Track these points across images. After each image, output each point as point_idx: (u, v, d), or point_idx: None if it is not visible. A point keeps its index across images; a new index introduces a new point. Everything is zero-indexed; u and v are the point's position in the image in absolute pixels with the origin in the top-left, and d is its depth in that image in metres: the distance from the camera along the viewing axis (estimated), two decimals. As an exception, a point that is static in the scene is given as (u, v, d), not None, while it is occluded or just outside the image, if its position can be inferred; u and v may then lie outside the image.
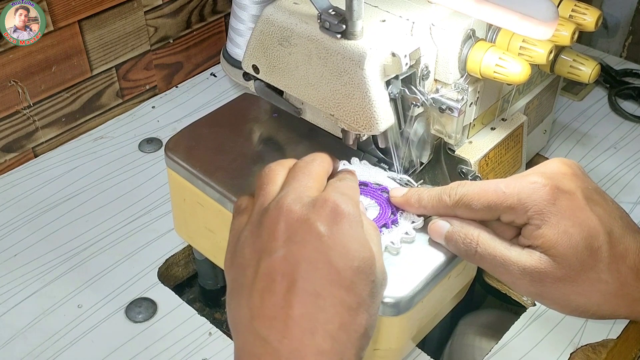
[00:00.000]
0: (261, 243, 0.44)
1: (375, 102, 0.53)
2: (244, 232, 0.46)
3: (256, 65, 0.60)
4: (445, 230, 0.51)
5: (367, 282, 0.43)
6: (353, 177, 0.51)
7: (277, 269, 0.42)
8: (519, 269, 0.47)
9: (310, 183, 0.47)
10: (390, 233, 0.52)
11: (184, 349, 0.63)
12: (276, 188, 0.47)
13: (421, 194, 0.52)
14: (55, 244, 0.72)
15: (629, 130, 0.87)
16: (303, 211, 0.44)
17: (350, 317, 0.42)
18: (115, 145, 0.85)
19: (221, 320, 0.78)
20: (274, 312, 0.42)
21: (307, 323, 0.41)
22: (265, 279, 0.43)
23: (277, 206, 0.45)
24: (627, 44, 1.16)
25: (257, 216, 0.46)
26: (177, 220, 0.68)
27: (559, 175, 0.48)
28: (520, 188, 0.48)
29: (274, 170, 0.49)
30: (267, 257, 0.43)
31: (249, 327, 0.42)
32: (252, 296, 0.43)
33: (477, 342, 0.74)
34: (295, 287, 0.42)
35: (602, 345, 0.63)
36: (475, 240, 0.49)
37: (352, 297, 0.42)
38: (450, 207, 0.50)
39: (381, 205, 0.54)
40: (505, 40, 0.58)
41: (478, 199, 0.49)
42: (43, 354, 0.62)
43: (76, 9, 0.79)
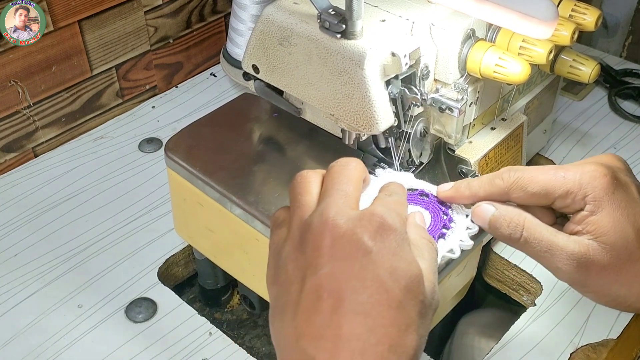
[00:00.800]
0: (305, 259, 0.42)
1: (375, 102, 0.53)
2: (285, 247, 0.44)
3: (256, 65, 0.60)
4: (490, 214, 0.49)
5: (415, 302, 0.42)
6: (402, 190, 0.49)
7: (324, 286, 0.41)
8: (566, 254, 0.47)
9: (351, 190, 0.45)
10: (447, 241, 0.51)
11: (184, 349, 0.63)
12: (312, 198, 0.45)
13: (470, 181, 0.51)
14: (55, 244, 0.72)
15: (629, 130, 0.87)
16: (349, 225, 0.42)
17: (400, 338, 0.41)
18: (115, 145, 0.85)
19: (221, 320, 0.78)
20: (321, 331, 0.40)
21: (356, 344, 0.39)
22: (311, 296, 0.41)
23: (320, 220, 0.43)
24: (627, 44, 1.16)
25: (298, 230, 0.44)
26: (177, 220, 0.68)
27: (615, 167, 0.49)
28: (581, 174, 0.47)
29: (306, 179, 0.47)
30: (312, 274, 0.41)
31: (295, 346, 0.41)
32: (297, 314, 0.41)
33: (477, 342, 0.74)
34: (343, 305, 0.40)
35: (603, 345, 0.63)
36: (522, 225, 0.48)
37: (402, 318, 0.41)
38: (505, 190, 0.49)
39: (430, 210, 0.52)
40: (505, 40, 0.58)
41: (536, 182, 0.48)
42: (43, 354, 0.62)
43: (76, 9, 0.79)
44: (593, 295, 0.49)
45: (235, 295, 0.79)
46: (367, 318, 0.40)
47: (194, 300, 0.80)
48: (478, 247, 0.59)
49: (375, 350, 0.40)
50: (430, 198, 0.53)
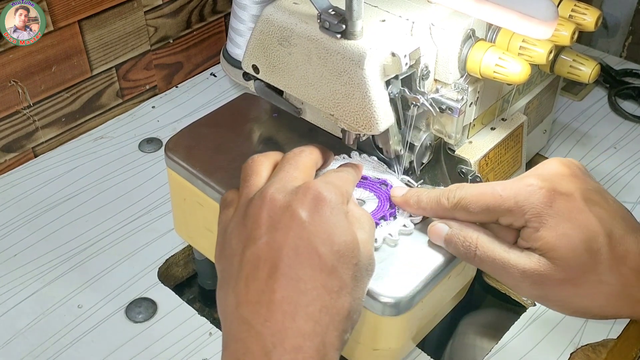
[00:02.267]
0: (246, 232, 0.45)
1: (375, 102, 0.53)
2: (230, 224, 0.47)
3: (256, 65, 0.60)
4: (445, 233, 0.51)
5: (349, 266, 0.44)
6: (352, 170, 0.52)
7: (261, 255, 0.43)
8: (519, 271, 0.47)
9: (296, 174, 0.47)
10: (389, 225, 0.53)
11: (184, 349, 0.63)
12: (261, 179, 0.48)
13: (420, 195, 0.53)
14: (55, 244, 0.72)
15: (629, 130, 0.87)
16: (286, 199, 0.45)
17: (332, 299, 0.43)
18: (115, 145, 0.85)
19: (221, 320, 0.78)
20: (257, 297, 0.43)
21: (288, 306, 0.42)
22: (250, 266, 0.44)
23: (261, 196, 0.46)
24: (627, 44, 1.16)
25: (243, 207, 0.47)
26: (177, 220, 0.68)
27: (556, 176, 0.48)
28: (517, 191, 0.48)
29: (257, 162, 0.50)
30: (251, 244, 0.44)
31: (235, 313, 0.43)
32: (238, 283, 0.44)
33: (478, 342, 0.74)
34: (277, 272, 0.43)
35: (602, 345, 0.63)
36: (474, 243, 0.49)
37: (334, 281, 0.43)
38: (449, 209, 0.51)
39: (380, 199, 0.55)
40: (505, 40, 0.58)
41: (476, 202, 0.49)
42: (43, 354, 0.62)
43: (76, 9, 0.79)
44: (558, 308, 0.49)
45: (235, 295, 0.79)
46: (299, 282, 0.42)
47: (194, 300, 0.80)
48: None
49: (307, 311, 0.42)
50: (388, 188, 0.56)
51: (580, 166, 0.51)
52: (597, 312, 0.48)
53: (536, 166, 0.51)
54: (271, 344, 0.41)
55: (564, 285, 0.47)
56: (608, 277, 0.47)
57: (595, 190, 0.49)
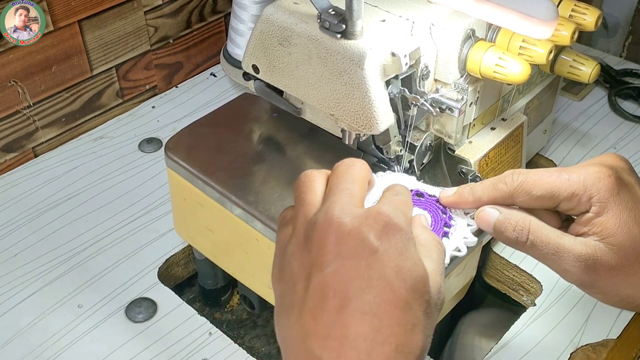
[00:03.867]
0: (310, 257, 0.42)
1: (375, 102, 0.53)
2: (290, 245, 0.44)
3: (256, 65, 0.60)
4: (495, 218, 0.49)
5: (421, 302, 0.41)
6: (406, 192, 0.48)
7: (329, 285, 0.40)
8: (574, 256, 0.46)
9: (356, 189, 0.45)
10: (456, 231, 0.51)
11: (184, 349, 0.63)
12: (317, 197, 0.45)
13: (473, 187, 0.50)
14: (55, 244, 0.72)
15: (629, 130, 0.87)
16: (354, 224, 0.42)
17: (407, 338, 0.40)
18: (115, 145, 0.85)
19: (221, 320, 0.78)
20: (327, 330, 0.40)
21: (363, 344, 0.39)
22: (317, 295, 0.41)
23: (325, 218, 0.42)
24: (627, 44, 1.16)
25: (303, 228, 0.44)
26: (177, 220, 0.68)
27: (619, 168, 0.48)
28: (585, 175, 0.47)
29: (311, 178, 0.46)
30: (317, 272, 0.41)
31: (302, 345, 0.40)
32: (303, 313, 0.41)
33: (477, 341, 0.74)
34: (350, 305, 0.40)
35: (602, 345, 0.63)
36: (527, 228, 0.47)
37: (408, 318, 0.41)
38: (508, 194, 0.49)
39: (428, 210, 0.52)
40: (505, 40, 0.58)
41: (540, 185, 0.48)
42: (43, 354, 0.62)
43: (76, 9, 0.79)
44: (601, 296, 0.49)
45: (235, 295, 0.79)
46: (374, 318, 0.40)
47: (193, 300, 0.80)
48: (478, 247, 0.59)
49: (382, 350, 0.39)
50: (426, 197, 0.53)
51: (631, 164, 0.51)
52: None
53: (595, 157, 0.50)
54: None
55: (616, 272, 0.46)
56: None
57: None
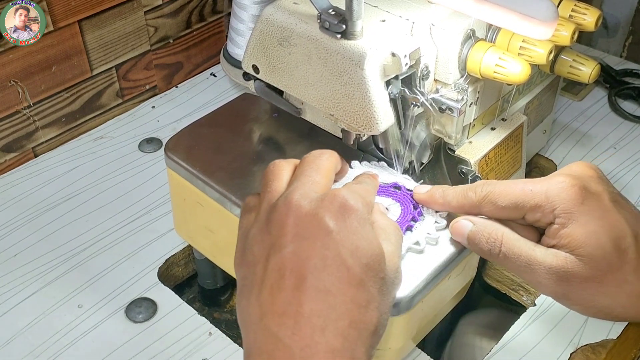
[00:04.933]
0: (270, 239, 0.44)
1: (375, 102, 0.53)
2: (252, 229, 0.46)
3: (256, 65, 0.60)
4: (468, 230, 0.50)
5: (376, 279, 0.43)
6: (372, 180, 0.51)
7: (287, 265, 0.42)
8: (545, 268, 0.47)
9: (318, 178, 0.46)
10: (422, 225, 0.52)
11: (184, 349, 0.63)
12: (282, 184, 0.47)
13: (445, 190, 0.52)
14: (55, 244, 0.72)
15: (629, 130, 0.87)
16: (312, 206, 0.44)
17: (361, 314, 0.42)
18: (115, 145, 0.85)
19: (221, 320, 0.78)
20: (283, 308, 0.41)
21: (317, 320, 0.41)
22: (275, 275, 0.42)
23: (285, 202, 0.44)
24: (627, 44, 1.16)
25: (265, 213, 0.46)
26: (177, 220, 0.68)
27: (585, 176, 0.48)
28: (548, 187, 0.47)
29: (279, 167, 0.49)
30: (276, 253, 0.43)
31: (259, 324, 0.42)
32: (262, 293, 0.43)
33: (477, 342, 0.74)
34: (305, 283, 0.42)
35: (602, 346, 0.63)
36: (500, 240, 0.48)
37: (362, 294, 0.42)
38: (476, 203, 0.50)
39: (401, 202, 0.54)
40: (505, 40, 0.58)
41: (505, 196, 0.48)
42: (43, 354, 0.62)
43: (76, 9, 0.79)
44: (578, 307, 0.49)
45: (235, 295, 0.79)
46: (328, 295, 0.41)
47: (193, 300, 0.80)
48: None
49: (336, 326, 0.41)
50: (403, 191, 0.55)
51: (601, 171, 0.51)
52: (618, 312, 0.48)
53: (562, 167, 0.51)
54: (300, 358, 0.40)
55: (589, 283, 0.46)
56: (633, 277, 0.47)
57: (618, 193, 0.50)
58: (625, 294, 0.47)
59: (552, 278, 0.47)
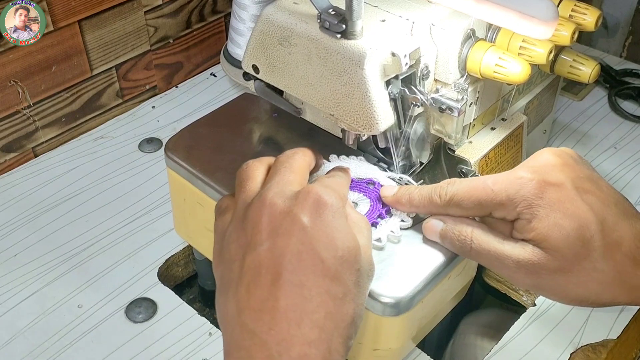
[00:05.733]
0: (246, 238, 0.44)
1: (375, 102, 0.53)
2: (228, 229, 0.47)
3: (256, 65, 0.60)
4: (440, 229, 0.51)
5: (352, 272, 0.44)
6: (344, 174, 0.52)
7: (262, 262, 0.43)
8: (514, 262, 0.48)
9: (292, 177, 0.47)
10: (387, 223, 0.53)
11: (184, 349, 0.63)
12: (256, 184, 0.48)
13: (412, 193, 0.53)
14: (55, 244, 0.72)
15: (629, 130, 0.87)
16: (286, 204, 0.44)
17: (337, 306, 0.43)
18: (115, 145, 0.85)
19: (221, 320, 0.78)
20: (260, 304, 0.42)
21: (293, 314, 0.42)
22: (251, 272, 0.43)
23: (259, 200, 0.45)
24: (627, 44, 1.16)
25: (240, 212, 0.46)
26: (177, 220, 0.68)
27: (547, 167, 0.49)
28: (508, 184, 0.48)
29: (252, 167, 0.49)
30: (252, 251, 0.44)
31: (237, 320, 0.43)
32: (239, 290, 0.43)
33: (478, 341, 0.74)
34: (280, 279, 0.42)
35: (602, 345, 0.63)
36: (469, 237, 0.49)
37: (338, 287, 0.43)
38: (442, 206, 0.51)
39: (371, 199, 0.55)
40: (505, 40, 0.58)
41: (468, 197, 0.49)
42: (43, 354, 0.62)
43: (76, 9, 0.79)
44: (555, 297, 0.50)
45: (235, 295, 0.79)
46: (303, 289, 0.42)
47: (193, 301, 0.80)
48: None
49: (312, 319, 0.42)
50: (376, 187, 0.55)
51: (573, 154, 0.51)
52: (593, 299, 0.48)
53: (528, 158, 0.51)
54: (277, 352, 0.41)
55: (558, 274, 0.47)
56: (602, 264, 0.47)
57: (588, 178, 0.49)
58: (596, 282, 0.47)
59: (522, 271, 0.48)
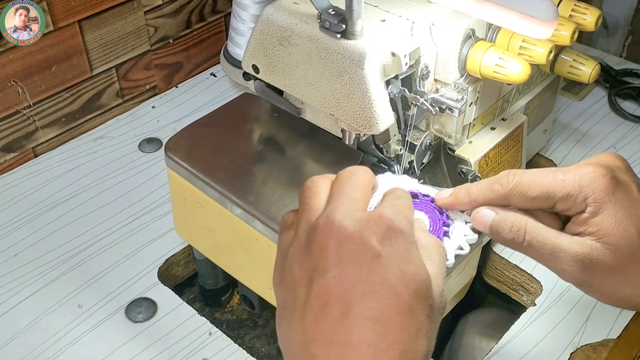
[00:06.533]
0: (311, 261, 0.42)
1: (375, 102, 0.53)
2: (291, 249, 0.44)
3: (256, 65, 0.60)
4: (491, 219, 0.48)
5: (425, 306, 0.41)
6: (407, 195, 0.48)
7: (332, 290, 0.40)
8: (570, 256, 0.46)
9: (358, 195, 0.44)
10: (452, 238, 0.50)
11: (184, 349, 0.63)
12: (321, 202, 0.45)
13: (469, 187, 0.50)
14: (55, 244, 0.72)
15: (629, 130, 0.87)
16: (356, 227, 0.41)
17: (411, 343, 0.40)
18: (115, 145, 0.85)
19: (221, 320, 0.78)
20: (330, 336, 0.39)
21: (367, 350, 0.39)
22: (319, 300, 0.40)
23: (327, 221, 0.42)
24: (627, 44, 1.16)
25: (305, 232, 0.43)
26: (177, 220, 0.68)
27: (614, 167, 0.48)
28: (580, 176, 0.47)
29: (316, 184, 0.46)
30: (319, 277, 0.41)
31: (304, 351, 0.40)
32: (305, 318, 0.41)
33: (478, 341, 0.74)
34: (352, 310, 0.39)
35: (603, 345, 0.63)
36: (524, 229, 0.47)
37: (412, 322, 0.40)
38: (504, 195, 0.48)
39: (426, 211, 0.51)
40: (505, 40, 0.58)
41: (535, 186, 0.47)
42: (43, 354, 0.62)
43: (76, 9, 0.79)
44: (599, 295, 0.49)
45: (235, 295, 0.79)
46: (377, 324, 0.39)
47: (194, 300, 0.80)
48: (478, 246, 0.59)
49: (387, 356, 0.39)
50: (421, 199, 0.52)
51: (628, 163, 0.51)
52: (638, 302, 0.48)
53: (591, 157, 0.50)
54: None
55: (612, 272, 0.46)
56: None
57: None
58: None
59: (577, 266, 0.46)
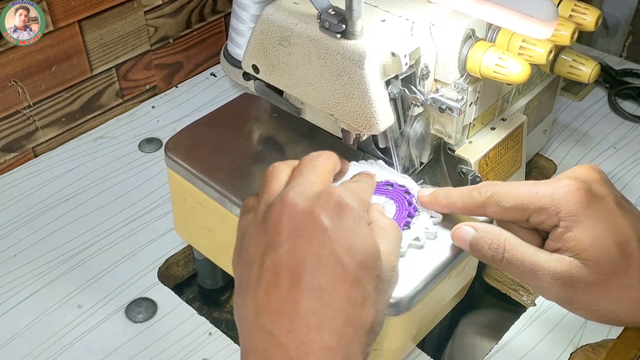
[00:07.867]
0: (266, 238, 0.44)
1: (375, 102, 0.53)
2: (249, 229, 0.46)
3: (256, 65, 0.60)
4: (470, 236, 0.49)
5: (372, 277, 0.43)
6: (369, 179, 0.51)
7: (282, 263, 0.42)
8: (549, 274, 0.46)
9: (315, 178, 0.47)
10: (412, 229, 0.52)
11: (184, 349, 0.63)
12: (280, 185, 0.47)
13: (449, 191, 0.51)
14: (55, 244, 0.72)
15: (629, 130, 0.87)
16: (307, 204, 0.44)
17: (356, 312, 0.42)
18: (115, 145, 0.85)
19: (221, 319, 0.78)
20: (279, 306, 0.42)
21: (312, 318, 0.41)
22: (270, 273, 0.43)
23: (281, 200, 0.44)
24: (627, 44, 1.16)
25: (262, 212, 0.46)
26: (177, 220, 0.68)
27: (590, 180, 0.48)
28: (554, 189, 0.47)
29: (277, 168, 0.49)
30: (271, 251, 0.43)
31: (255, 322, 0.42)
32: (258, 291, 0.43)
33: (478, 341, 0.74)
34: (300, 281, 0.42)
35: (602, 346, 0.63)
36: (502, 246, 0.48)
37: (358, 292, 0.42)
38: (481, 203, 0.49)
39: (394, 199, 0.54)
40: (505, 40, 0.58)
41: (510, 197, 0.48)
42: (43, 354, 0.62)
43: (76, 9, 0.79)
44: (583, 312, 0.48)
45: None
46: (323, 293, 0.42)
47: (193, 300, 0.80)
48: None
49: (331, 324, 0.41)
50: (395, 187, 0.55)
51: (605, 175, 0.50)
52: (623, 317, 0.48)
53: (567, 170, 0.50)
54: (296, 356, 0.40)
55: (593, 288, 0.46)
56: (637, 281, 0.46)
57: (622, 197, 0.49)
58: (630, 299, 0.47)
59: (557, 283, 0.46)
